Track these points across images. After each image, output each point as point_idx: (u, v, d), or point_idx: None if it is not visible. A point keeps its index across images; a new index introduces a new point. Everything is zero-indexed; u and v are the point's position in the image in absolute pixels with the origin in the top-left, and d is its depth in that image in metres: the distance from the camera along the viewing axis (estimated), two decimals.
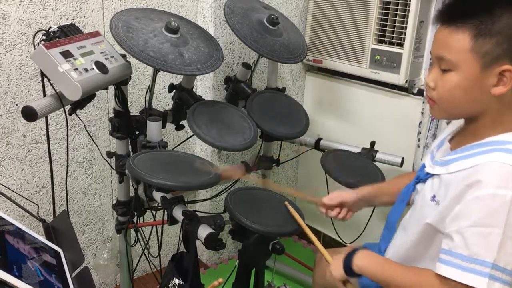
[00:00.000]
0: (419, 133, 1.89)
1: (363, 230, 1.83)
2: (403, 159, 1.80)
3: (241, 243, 1.43)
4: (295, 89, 2.42)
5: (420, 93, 1.93)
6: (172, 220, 1.36)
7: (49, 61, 1.25)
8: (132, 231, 1.73)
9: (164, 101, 2.07)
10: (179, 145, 2.06)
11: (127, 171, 1.56)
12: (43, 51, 1.25)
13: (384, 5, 1.91)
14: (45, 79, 1.33)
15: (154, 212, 1.73)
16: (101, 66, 1.37)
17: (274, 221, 1.39)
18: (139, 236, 1.70)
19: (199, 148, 2.24)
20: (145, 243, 1.68)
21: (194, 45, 1.54)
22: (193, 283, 1.34)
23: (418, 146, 1.90)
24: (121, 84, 1.53)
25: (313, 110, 2.38)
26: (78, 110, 1.46)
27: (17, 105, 1.69)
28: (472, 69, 0.96)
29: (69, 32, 1.41)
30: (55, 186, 1.85)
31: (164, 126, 1.65)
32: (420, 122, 1.88)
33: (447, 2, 1.02)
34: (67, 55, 1.30)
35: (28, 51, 1.66)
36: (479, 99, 1.00)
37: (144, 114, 1.61)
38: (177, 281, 1.32)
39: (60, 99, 1.30)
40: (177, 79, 1.75)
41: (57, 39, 1.35)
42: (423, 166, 1.16)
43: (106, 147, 1.95)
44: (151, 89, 1.62)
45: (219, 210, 2.29)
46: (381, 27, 1.94)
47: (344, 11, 2.07)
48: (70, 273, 1.07)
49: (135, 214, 1.70)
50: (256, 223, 1.32)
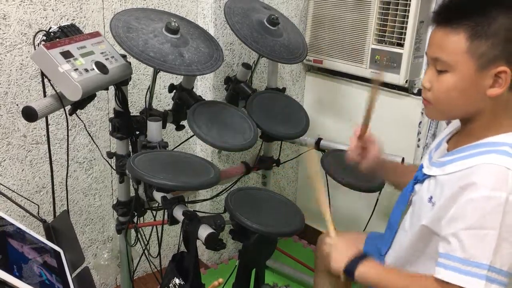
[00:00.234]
0: (419, 133, 1.89)
1: (363, 229, 1.83)
2: (403, 159, 1.79)
3: (242, 243, 1.44)
4: (295, 89, 2.42)
5: (420, 93, 1.92)
6: (173, 220, 1.36)
7: (50, 61, 1.25)
8: (133, 231, 1.74)
9: (164, 101, 2.07)
10: (179, 145, 2.06)
11: (127, 171, 1.57)
12: (43, 51, 1.25)
13: (384, 5, 1.91)
14: (46, 79, 1.34)
15: (154, 212, 1.73)
16: (101, 67, 1.37)
17: (275, 221, 1.39)
18: (139, 236, 1.70)
19: (200, 148, 2.24)
20: (146, 243, 1.68)
21: (194, 46, 1.54)
22: (194, 283, 1.34)
23: (418, 146, 1.90)
24: (121, 84, 1.53)
25: (313, 110, 2.38)
26: (79, 110, 1.46)
27: (17, 105, 1.69)
28: (468, 71, 0.97)
29: (69, 33, 1.41)
30: (55, 186, 1.85)
31: (164, 127, 1.65)
32: (420, 122, 1.88)
33: (442, 3, 1.02)
34: (67, 55, 1.30)
35: (29, 51, 1.66)
36: (474, 100, 1.00)
37: (144, 114, 1.61)
38: (177, 281, 1.32)
39: (61, 99, 1.30)
40: (177, 79, 1.75)
41: (57, 39, 1.35)
42: (421, 167, 1.16)
43: (107, 147, 1.95)
44: (151, 89, 1.62)
45: (219, 210, 2.29)
46: (381, 27, 1.94)
47: (344, 11, 2.07)
48: (71, 273, 1.07)
49: (136, 214, 1.70)
50: (256, 223, 1.32)
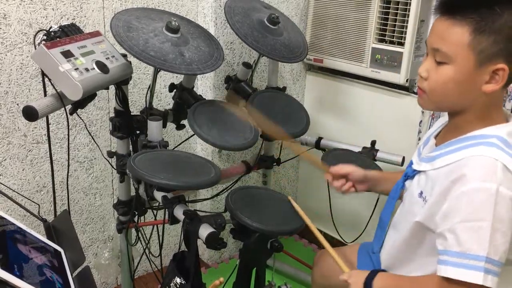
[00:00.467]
0: (419, 132, 1.89)
1: (363, 229, 1.83)
2: (403, 158, 1.79)
3: (242, 242, 1.44)
4: (295, 89, 2.42)
5: None
6: (173, 220, 1.36)
7: (50, 61, 1.25)
8: (133, 230, 1.74)
9: (164, 100, 2.07)
10: (179, 144, 2.06)
11: (128, 170, 1.57)
12: (44, 51, 1.25)
13: (384, 4, 1.91)
14: (46, 79, 1.34)
15: (155, 212, 1.73)
16: (101, 66, 1.37)
17: (275, 220, 1.39)
18: (140, 236, 1.70)
19: (200, 148, 2.24)
20: (146, 242, 1.68)
21: (195, 45, 1.54)
22: (195, 283, 1.34)
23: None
24: (121, 83, 1.53)
25: (313, 110, 2.37)
26: (79, 109, 1.46)
27: (18, 105, 1.69)
28: (467, 65, 0.96)
29: (69, 32, 1.41)
30: (56, 185, 1.85)
31: (164, 126, 1.65)
32: (421, 121, 1.88)
33: None
34: (67, 54, 1.30)
35: (29, 51, 1.66)
36: (469, 94, 1.00)
37: (145, 113, 1.61)
38: (178, 280, 1.32)
39: (61, 98, 1.30)
40: (177, 79, 1.75)
41: (58, 39, 1.35)
42: (410, 163, 1.17)
43: (107, 146, 1.95)
44: (151, 88, 1.62)
45: (220, 209, 2.29)
46: (381, 26, 1.94)
47: (345, 10, 2.07)
48: (71, 273, 1.07)
49: (136, 213, 1.70)
50: (257, 222, 1.32)
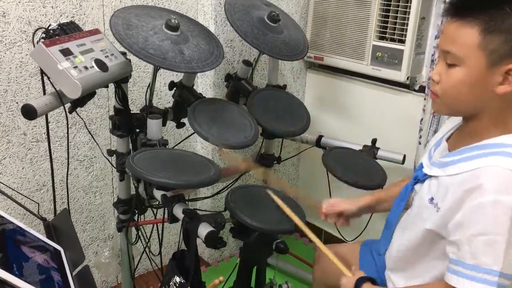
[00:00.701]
0: (420, 130, 1.89)
1: (364, 227, 1.82)
2: (404, 156, 1.79)
3: (242, 241, 1.43)
4: (296, 86, 2.41)
5: (422, 90, 1.92)
6: (173, 219, 1.35)
7: (49, 59, 1.25)
8: (133, 229, 1.73)
9: (164, 99, 2.06)
10: (180, 143, 2.06)
11: (127, 169, 1.56)
12: (43, 49, 1.24)
13: (385, 2, 1.90)
14: (45, 77, 1.33)
15: (155, 210, 1.72)
16: (101, 64, 1.36)
17: (275, 219, 1.38)
18: (140, 234, 1.70)
19: (200, 146, 2.24)
20: (146, 241, 1.68)
21: (195, 43, 1.53)
22: (194, 281, 1.34)
23: (420, 143, 1.90)
24: (121, 82, 1.52)
25: (314, 108, 2.37)
26: (79, 108, 1.45)
27: (17, 103, 1.69)
28: (478, 66, 0.95)
29: (68, 30, 1.40)
30: (56, 184, 1.85)
31: (164, 124, 1.64)
32: (422, 119, 1.88)
33: None
34: (66, 53, 1.29)
35: (28, 49, 1.66)
36: (482, 96, 0.98)
37: (145, 112, 1.61)
38: (178, 279, 1.32)
39: (60, 97, 1.30)
40: (177, 77, 1.74)
41: (57, 37, 1.34)
42: (420, 166, 1.15)
43: (107, 145, 1.94)
44: (151, 87, 1.61)
45: (220, 208, 2.29)
46: (382, 24, 1.93)
47: (345, 7, 2.06)
48: (71, 272, 1.07)
49: (136, 212, 1.69)
50: (257, 221, 1.31)
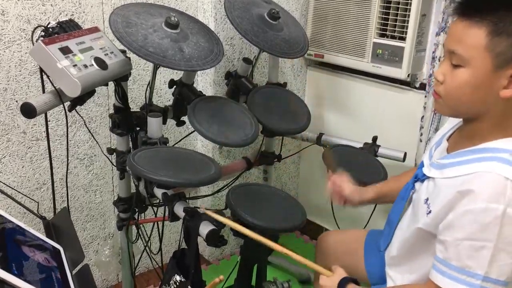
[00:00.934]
0: (421, 127, 1.88)
1: (365, 225, 1.82)
2: (405, 154, 1.78)
3: (243, 239, 1.43)
4: (296, 84, 2.41)
5: (423, 87, 1.91)
6: (173, 217, 1.35)
7: (48, 57, 1.24)
8: (134, 227, 1.73)
9: (164, 97, 2.06)
10: (180, 141, 2.05)
11: (127, 167, 1.56)
12: (42, 47, 1.24)
13: None
14: (44, 75, 1.33)
15: (155, 209, 1.72)
16: (100, 62, 1.36)
17: (276, 217, 1.38)
18: (140, 233, 1.69)
19: (201, 144, 2.23)
20: (147, 239, 1.67)
21: (194, 40, 1.52)
22: (194, 280, 1.33)
23: (421, 140, 1.89)
24: (121, 80, 1.51)
25: (314, 105, 2.36)
26: (78, 106, 1.45)
27: (17, 101, 1.68)
28: (484, 68, 0.93)
29: (68, 28, 1.39)
30: (56, 183, 1.85)
31: (164, 122, 1.64)
32: (423, 117, 1.87)
33: None
34: (66, 51, 1.29)
35: (28, 47, 1.65)
36: (486, 99, 0.96)
37: (145, 110, 1.60)
38: (178, 278, 1.32)
39: (59, 95, 1.29)
40: (177, 75, 1.74)
41: (56, 35, 1.34)
42: (421, 165, 1.15)
43: (107, 143, 1.94)
44: (151, 85, 1.61)
45: (221, 206, 2.28)
46: (383, 21, 1.92)
47: (346, 5, 2.05)
48: (71, 271, 1.07)
49: (136, 210, 1.69)
50: (257, 219, 1.31)
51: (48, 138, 1.48)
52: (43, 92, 1.38)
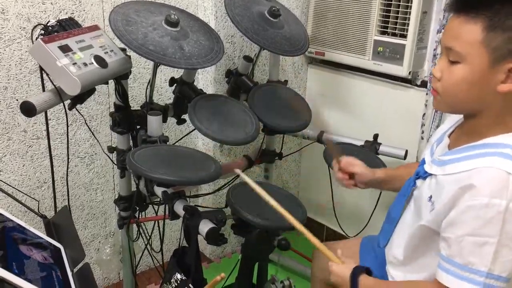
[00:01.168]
0: (422, 125, 1.88)
1: (366, 223, 1.82)
2: (406, 151, 1.78)
3: (243, 238, 1.43)
4: (297, 82, 2.40)
5: (424, 84, 1.90)
6: (174, 215, 1.35)
7: (48, 55, 1.24)
8: (135, 226, 1.73)
9: (165, 95, 2.05)
10: (180, 139, 2.05)
11: (127, 166, 1.56)
12: (41, 45, 1.24)
13: None
14: (44, 74, 1.32)
15: (156, 207, 1.72)
16: (100, 61, 1.35)
17: (276, 215, 1.38)
18: (141, 231, 1.69)
19: (201, 142, 2.23)
20: (148, 238, 1.67)
21: (195, 38, 1.52)
22: (195, 278, 1.33)
23: (422, 138, 1.89)
24: (121, 78, 1.51)
25: (315, 103, 2.36)
26: (79, 105, 1.44)
27: (17, 100, 1.68)
28: (481, 63, 0.93)
29: (67, 26, 1.39)
30: (57, 181, 1.85)
31: (165, 121, 1.64)
32: (424, 114, 1.87)
33: None
34: (65, 49, 1.29)
35: (28, 45, 1.65)
36: (484, 95, 0.96)
37: (145, 108, 1.60)
38: (179, 276, 1.32)
39: (59, 94, 1.29)
40: (178, 73, 1.74)
41: (56, 33, 1.34)
42: (423, 162, 1.14)
43: (108, 142, 1.94)
44: (151, 83, 1.60)
45: (221, 204, 2.28)
46: (384, 18, 1.92)
47: (346, 2, 2.04)
48: (71, 270, 1.06)
49: (137, 209, 1.69)
50: (258, 217, 1.31)
51: (49, 137, 1.48)
52: (43, 90, 1.38)
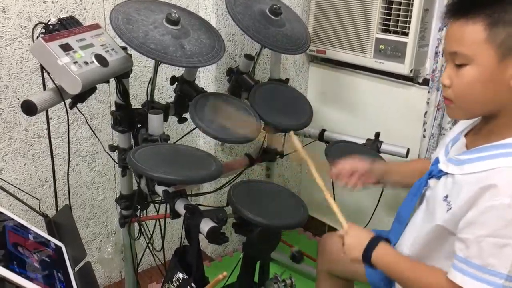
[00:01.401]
0: (424, 123, 1.87)
1: (368, 221, 1.82)
2: (408, 150, 1.77)
3: (245, 236, 1.43)
4: (298, 80, 2.40)
5: (426, 82, 1.90)
6: (175, 214, 1.35)
7: (48, 54, 1.24)
8: (136, 224, 1.73)
9: (166, 93, 2.05)
10: (182, 138, 2.05)
11: (128, 165, 1.56)
12: (42, 44, 1.24)
13: None
14: (45, 72, 1.32)
15: (157, 206, 1.72)
16: (101, 59, 1.35)
17: (278, 214, 1.38)
18: (142, 230, 1.69)
19: (203, 141, 2.23)
20: (149, 236, 1.67)
21: (196, 37, 1.52)
22: (197, 277, 1.33)
23: (424, 136, 1.88)
24: (122, 77, 1.51)
25: (316, 101, 2.35)
26: (80, 104, 1.44)
27: (18, 99, 1.68)
28: (489, 61, 0.92)
29: (68, 25, 1.39)
30: (58, 180, 1.85)
31: (166, 119, 1.64)
32: (426, 112, 1.86)
33: None
34: (66, 48, 1.28)
35: (29, 44, 1.65)
36: (498, 93, 0.95)
37: (146, 107, 1.60)
38: (180, 275, 1.31)
39: (60, 92, 1.29)
40: (179, 72, 1.73)
41: (56, 32, 1.33)
42: (436, 161, 1.12)
43: (109, 140, 1.94)
44: (152, 81, 1.60)
45: (223, 202, 2.28)
46: (385, 16, 1.91)
47: (348, 0, 2.04)
48: (72, 268, 1.06)
49: (138, 207, 1.69)
50: (259, 216, 1.30)
51: (50, 136, 1.48)
52: (44, 89, 1.38)
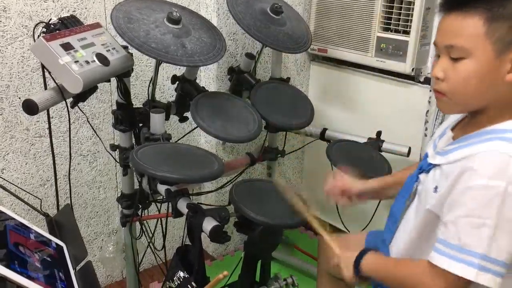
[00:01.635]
0: (426, 122, 1.87)
1: (369, 220, 1.81)
2: (409, 148, 1.77)
3: (246, 235, 1.42)
4: (299, 79, 2.40)
5: (427, 81, 1.90)
6: (177, 213, 1.35)
7: (49, 53, 1.24)
8: (137, 223, 1.73)
9: (167, 92, 2.05)
10: (183, 137, 2.05)
11: (130, 164, 1.55)
12: (43, 43, 1.23)
13: None
14: (46, 72, 1.32)
15: (158, 205, 1.72)
16: (102, 58, 1.35)
17: (280, 213, 1.37)
18: (144, 229, 1.69)
19: (204, 140, 2.23)
20: (151, 236, 1.67)
21: (197, 36, 1.52)
22: (198, 276, 1.33)
23: (425, 135, 1.88)
24: (123, 76, 1.51)
25: (318, 100, 2.35)
26: (81, 103, 1.44)
27: (19, 98, 1.68)
28: (487, 55, 0.92)
29: (69, 24, 1.39)
30: (60, 179, 1.85)
31: (167, 118, 1.63)
32: (427, 111, 1.86)
33: None
34: (67, 47, 1.28)
35: (30, 43, 1.65)
36: (493, 87, 0.95)
37: (147, 106, 1.60)
38: (182, 274, 1.31)
39: (61, 92, 1.29)
40: (180, 71, 1.73)
41: (57, 31, 1.33)
42: (425, 156, 1.14)
43: (110, 139, 1.94)
44: (153, 80, 1.60)
45: (224, 202, 2.28)
46: (386, 15, 1.91)
47: None
48: (74, 268, 1.06)
49: (140, 207, 1.69)
50: (261, 215, 1.30)
51: (51, 135, 1.48)
52: (45, 88, 1.38)
